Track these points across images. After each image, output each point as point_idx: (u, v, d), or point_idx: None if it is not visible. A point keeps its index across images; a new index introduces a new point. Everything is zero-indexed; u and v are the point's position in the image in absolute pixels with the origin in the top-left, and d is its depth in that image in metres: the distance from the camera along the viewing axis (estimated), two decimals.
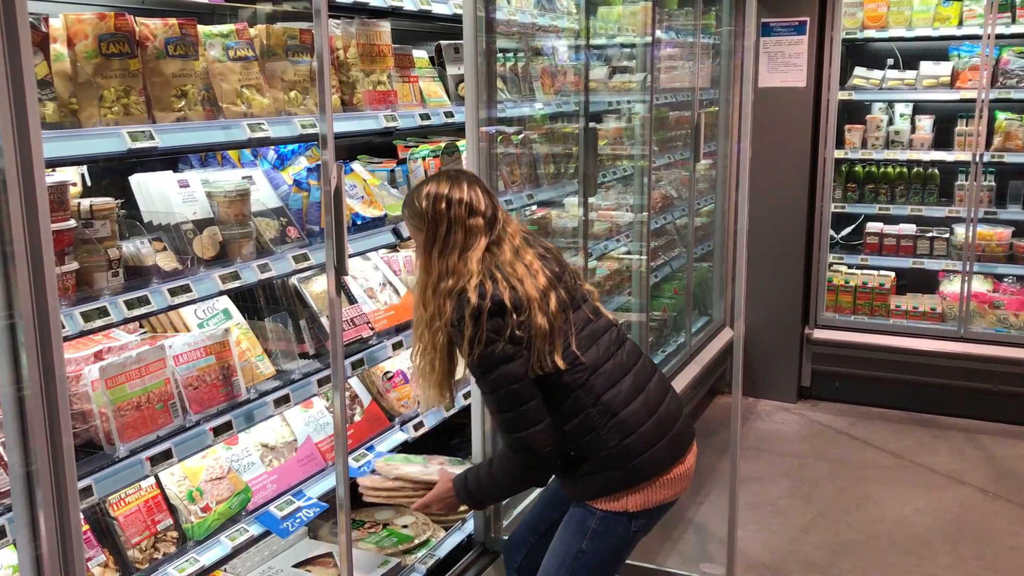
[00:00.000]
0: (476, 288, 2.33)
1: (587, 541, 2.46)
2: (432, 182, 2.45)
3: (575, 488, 2.50)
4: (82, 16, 2.19)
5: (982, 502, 4.68)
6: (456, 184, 2.43)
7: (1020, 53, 5.59)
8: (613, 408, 2.42)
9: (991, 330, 5.76)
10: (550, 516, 2.70)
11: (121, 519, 2.41)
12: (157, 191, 2.53)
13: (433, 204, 2.39)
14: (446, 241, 2.38)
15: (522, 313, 2.33)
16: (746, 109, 3.25)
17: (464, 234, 2.39)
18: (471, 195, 2.41)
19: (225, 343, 2.61)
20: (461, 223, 2.39)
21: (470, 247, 2.38)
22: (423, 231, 2.42)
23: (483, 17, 3.08)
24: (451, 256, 2.38)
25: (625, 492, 2.43)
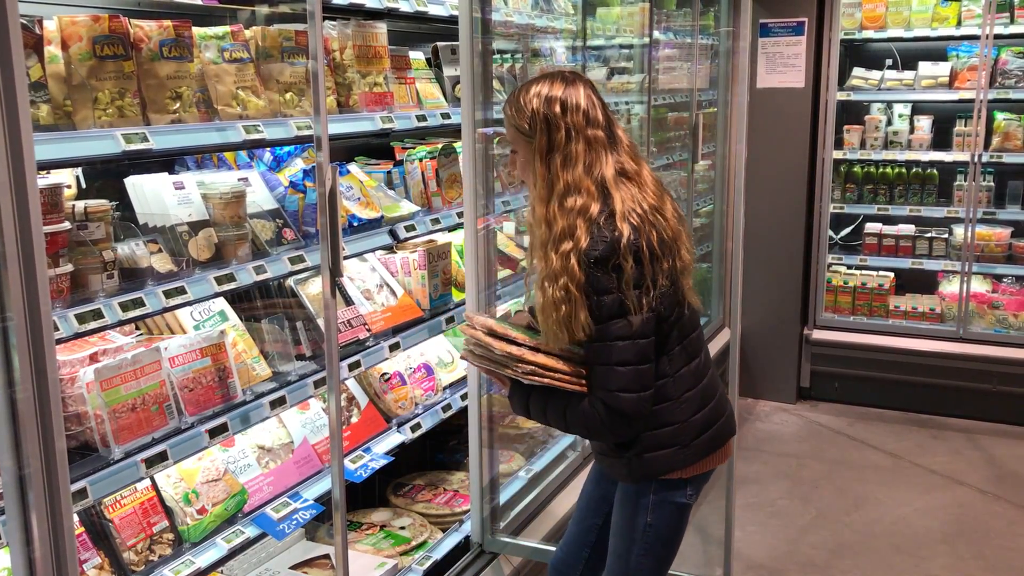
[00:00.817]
0: (624, 217, 2.12)
1: (650, 514, 2.35)
2: (543, 82, 2.21)
3: (629, 468, 2.33)
4: (76, 18, 2.19)
5: (981, 502, 4.68)
6: (571, 87, 2.20)
7: (1018, 53, 5.59)
8: (688, 382, 2.30)
9: (990, 330, 5.75)
10: (595, 523, 2.61)
11: (117, 521, 2.41)
12: (152, 193, 2.53)
13: (547, 105, 2.17)
14: (567, 151, 2.15)
15: (668, 255, 2.17)
16: (742, 110, 3.24)
17: (586, 146, 2.16)
18: (588, 103, 2.19)
19: (221, 345, 2.60)
20: (581, 132, 2.16)
21: (595, 163, 2.16)
22: (533, 136, 2.18)
23: (479, 18, 3.07)
24: (575, 168, 2.15)
25: (680, 467, 2.33)
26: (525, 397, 2.31)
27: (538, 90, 2.20)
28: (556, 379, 2.20)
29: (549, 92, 2.18)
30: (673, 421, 2.29)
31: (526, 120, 2.20)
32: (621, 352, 2.14)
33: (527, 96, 2.20)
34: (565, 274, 2.12)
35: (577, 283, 2.11)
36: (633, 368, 2.15)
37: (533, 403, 2.30)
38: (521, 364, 2.20)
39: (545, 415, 2.29)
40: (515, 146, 2.28)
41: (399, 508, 3.47)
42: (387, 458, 3.10)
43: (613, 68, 4.98)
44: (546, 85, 2.20)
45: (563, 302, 2.13)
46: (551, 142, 2.17)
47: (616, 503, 2.46)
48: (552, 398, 2.26)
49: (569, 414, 2.23)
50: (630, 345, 2.14)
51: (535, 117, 2.18)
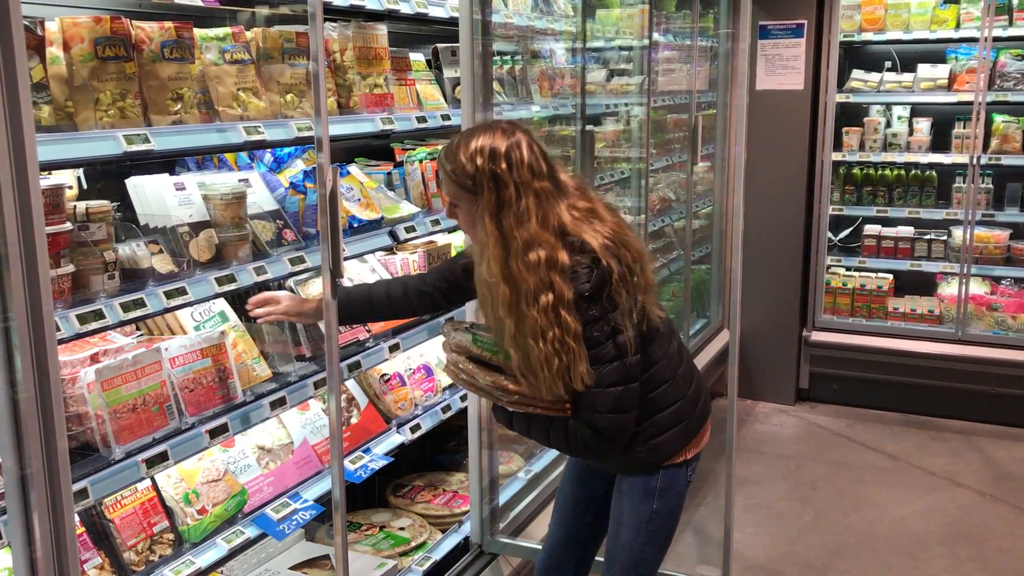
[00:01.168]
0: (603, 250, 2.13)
1: (657, 501, 2.41)
2: (484, 135, 2.16)
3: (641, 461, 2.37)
4: (78, 19, 2.20)
5: (979, 504, 4.68)
6: (513, 140, 2.15)
7: (1017, 56, 5.60)
8: (676, 360, 2.38)
9: (989, 332, 5.76)
10: (585, 522, 2.64)
11: (117, 521, 2.41)
12: (153, 194, 2.54)
13: (492, 162, 2.11)
14: (519, 207, 2.11)
15: (635, 274, 2.19)
16: (742, 112, 3.25)
17: (536, 199, 2.12)
18: (531, 155, 2.14)
19: (221, 345, 2.61)
20: (529, 187, 2.12)
21: (548, 214, 2.13)
22: (479, 193, 2.14)
23: (479, 20, 3.08)
24: (530, 223, 2.11)
25: (684, 445, 2.40)
26: (509, 416, 2.38)
27: (480, 145, 2.14)
28: (540, 408, 2.26)
29: (492, 147, 2.13)
30: (676, 399, 2.35)
31: (470, 177, 2.14)
32: (611, 374, 2.18)
33: (468, 152, 2.14)
34: (556, 327, 2.10)
35: (575, 335, 2.11)
36: (622, 389, 2.20)
37: (517, 420, 2.36)
38: (506, 394, 2.25)
39: (528, 432, 2.36)
40: (456, 201, 2.24)
41: (399, 509, 3.47)
42: (387, 459, 3.11)
43: (612, 70, 4.99)
44: (487, 139, 2.15)
45: (557, 355, 2.12)
46: (500, 200, 2.12)
47: (620, 495, 2.48)
48: (535, 419, 2.31)
49: (553, 434, 2.29)
50: (619, 366, 2.18)
51: (480, 174, 2.13)
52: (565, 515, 2.69)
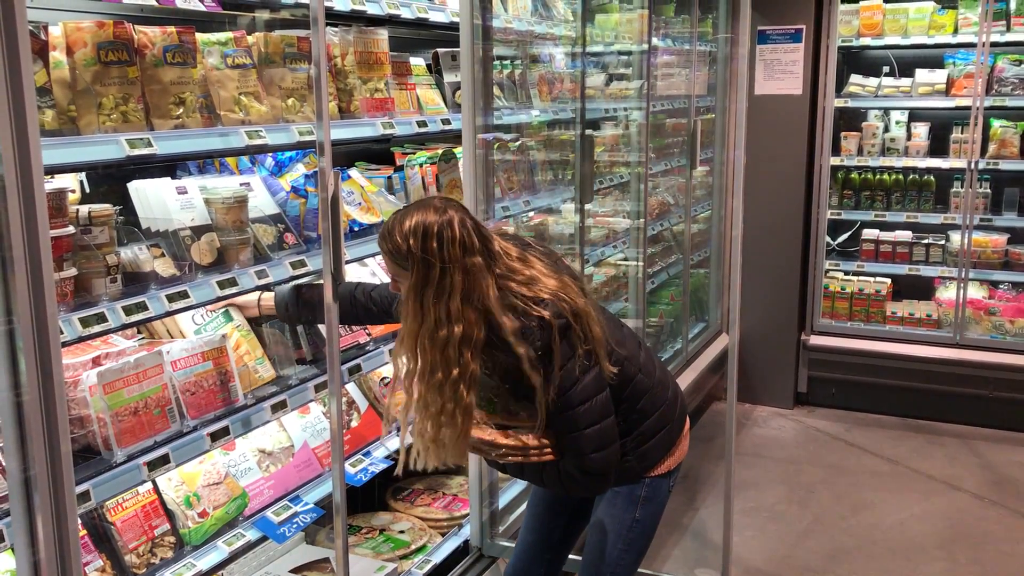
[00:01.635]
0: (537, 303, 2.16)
1: (639, 509, 2.46)
2: (416, 214, 2.15)
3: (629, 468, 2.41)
4: (81, 24, 2.21)
5: (977, 508, 4.69)
6: (444, 217, 2.13)
7: (1015, 61, 5.62)
8: (650, 368, 2.45)
9: (987, 337, 5.78)
10: (558, 524, 2.66)
11: (119, 524, 2.42)
12: (155, 197, 2.55)
13: (423, 241, 2.11)
14: (442, 285, 2.11)
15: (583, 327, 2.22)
16: (742, 117, 3.26)
17: (463, 276, 2.12)
18: (463, 232, 2.13)
19: (223, 349, 2.62)
20: (458, 263, 2.12)
21: (473, 290, 2.13)
22: (409, 271, 2.14)
23: (480, 25, 3.10)
24: (452, 301, 2.11)
25: (668, 452, 2.47)
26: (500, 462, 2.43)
27: (412, 225, 2.12)
28: (529, 456, 2.28)
29: (424, 227, 2.11)
30: (658, 406, 2.43)
31: (403, 256, 2.15)
32: (585, 416, 2.22)
33: (402, 231, 2.14)
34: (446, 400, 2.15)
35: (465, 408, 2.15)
36: (599, 427, 2.24)
37: (510, 467, 2.42)
38: (496, 448, 2.28)
39: (522, 476, 2.47)
40: (396, 277, 2.25)
41: (398, 512, 3.48)
42: (387, 462, 3.11)
43: (612, 74, 5.01)
44: (420, 216, 2.13)
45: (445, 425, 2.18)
46: (426, 278, 2.12)
47: (601, 500, 2.53)
48: (527, 465, 2.35)
49: (547, 479, 2.36)
50: (591, 406, 2.22)
51: (411, 255, 2.12)
52: (538, 517, 2.70)
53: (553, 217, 4.44)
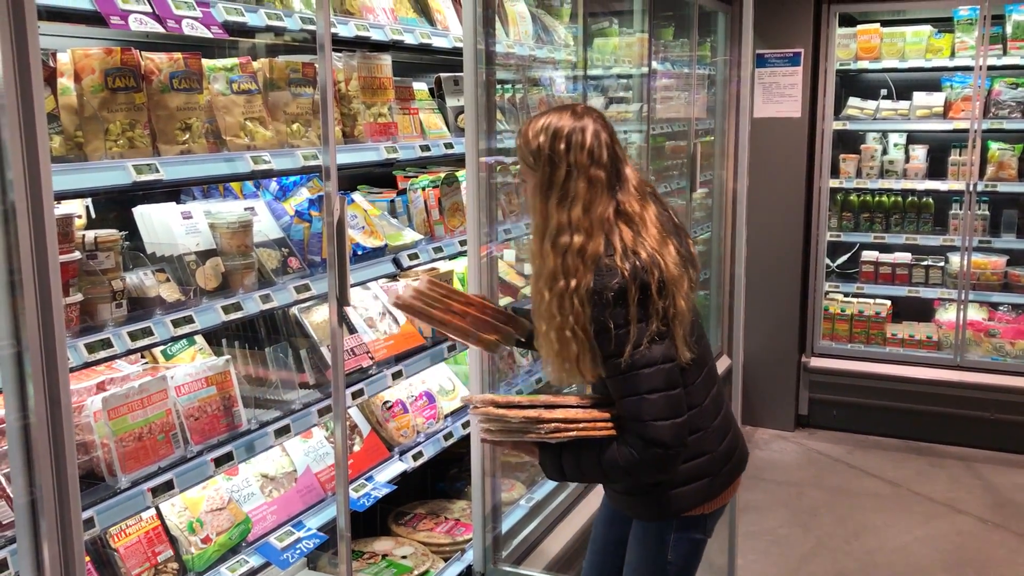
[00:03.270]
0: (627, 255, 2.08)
1: (671, 552, 2.31)
2: (552, 115, 2.16)
3: (659, 506, 2.28)
4: (89, 51, 2.22)
5: (980, 531, 4.68)
6: (579, 123, 2.14)
7: (1011, 84, 5.66)
8: (712, 411, 2.28)
9: (987, 358, 5.78)
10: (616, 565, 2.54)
11: (122, 550, 2.41)
12: (160, 222, 2.55)
13: (552, 141, 2.12)
14: (565, 189, 2.11)
15: (666, 298, 2.10)
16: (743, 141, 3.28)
17: (587, 185, 2.11)
18: (594, 141, 2.12)
19: (227, 373, 2.61)
20: (583, 172, 2.11)
21: (594, 203, 2.10)
22: (536, 170, 2.15)
23: (483, 50, 3.12)
24: (574, 208, 2.10)
25: (703, 502, 2.30)
26: (557, 458, 2.23)
27: (545, 124, 2.15)
28: (581, 429, 2.13)
29: (556, 127, 2.13)
30: (705, 451, 2.26)
31: (531, 153, 2.16)
32: (648, 380, 2.07)
33: (534, 128, 2.16)
34: (561, 314, 2.09)
35: (582, 324, 2.08)
36: (663, 394, 2.08)
37: (566, 461, 2.21)
38: (542, 424, 2.12)
39: (580, 470, 2.21)
40: (523, 175, 2.26)
41: (401, 537, 3.46)
42: (389, 487, 3.10)
43: (611, 97, 5.03)
44: (554, 119, 2.16)
45: (565, 343, 2.10)
46: (551, 179, 2.13)
47: (633, 540, 2.40)
48: (584, 450, 2.17)
49: (604, 461, 2.14)
50: (656, 372, 2.07)
51: (539, 152, 2.14)
52: (595, 557, 2.61)
53: None
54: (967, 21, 5.63)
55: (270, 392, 2.82)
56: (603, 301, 2.07)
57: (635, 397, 2.08)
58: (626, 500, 2.38)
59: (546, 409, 2.14)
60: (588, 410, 2.17)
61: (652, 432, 2.07)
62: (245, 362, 2.87)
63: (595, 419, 2.14)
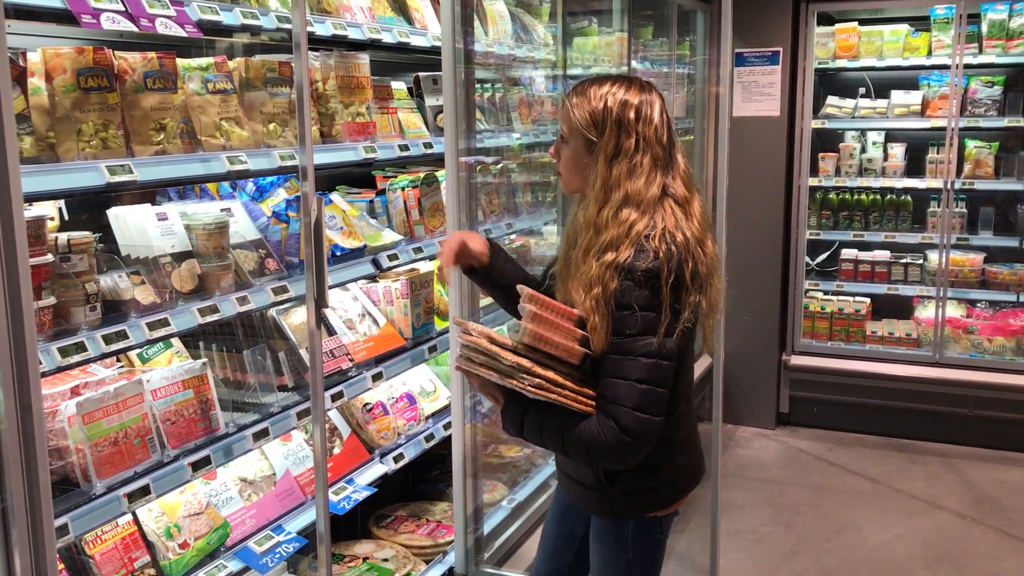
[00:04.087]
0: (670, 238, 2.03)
1: (631, 551, 2.28)
2: (620, 83, 2.11)
3: (612, 506, 2.26)
4: (60, 50, 2.18)
5: (960, 527, 4.70)
6: (648, 97, 2.11)
7: (987, 83, 5.70)
8: (682, 424, 2.24)
9: (965, 355, 5.81)
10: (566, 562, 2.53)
11: (97, 557, 2.37)
12: (135, 224, 2.52)
13: (623, 108, 2.07)
14: (633, 161, 2.07)
15: (700, 291, 2.07)
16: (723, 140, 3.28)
17: (651, 161, 2.08)
18: (660, 119, 2.11)
19: (203, 377, 2.58)
20: (650, 146, 2.08)
21: (652, 180, 2.08)
22: (598, 134, 2.09)
23: (461, 49, 3.10)
24: (637, 180, 2.06)
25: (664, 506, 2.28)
26: (522, 412, 2.15)
27: (614, 90, 2.10)
28: (562, 395, 2.06)
29: (626, 96, 2.10)
30: (665, 462, 2.23)
31: (594, 115, 2.10)
32: (644, 369, 2.02)
33: (601, 91, 2.10)
34: (599, 284, 2.04)
35: (608, 296, 2.03)
36: (651, 388, 2.03)
37: (529, 418, 2.14)
38: (529, 376, 2.05)
39: (541, 432, 2.14)
40: (569, 138, 2.17)
41: (382, 540, 3.44)
42: (370, 489, 3.08)
43: None
44: (622, 87, 2.11)
45: (592, 312, 2.05)
46: (619, 147, 2.08)
47: (593, 541, 2.38)
48: (552, 415, 2.10)
49: (568, 433, 2.08)
50: (653, 364, 2.02)
51: (607, 116, 2.09)
52: (547, 553, 2.59)
53: (535, 239, 4.44)
54: (944, 20, 5.67)
55: (248, 395, 2.79)
56: (633, 279, 2.01)
57: (624, 381, 2.03)
58: (581, 493, 2.32)
59: (539, 365, 2.07)
60: (575, 382, 2.10)
61: (628, 420, 2.02)
62: (223, 365, 2.84)
63: (579, 392, 2.08)
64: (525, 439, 2.21)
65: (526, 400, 2.13)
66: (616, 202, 2.07)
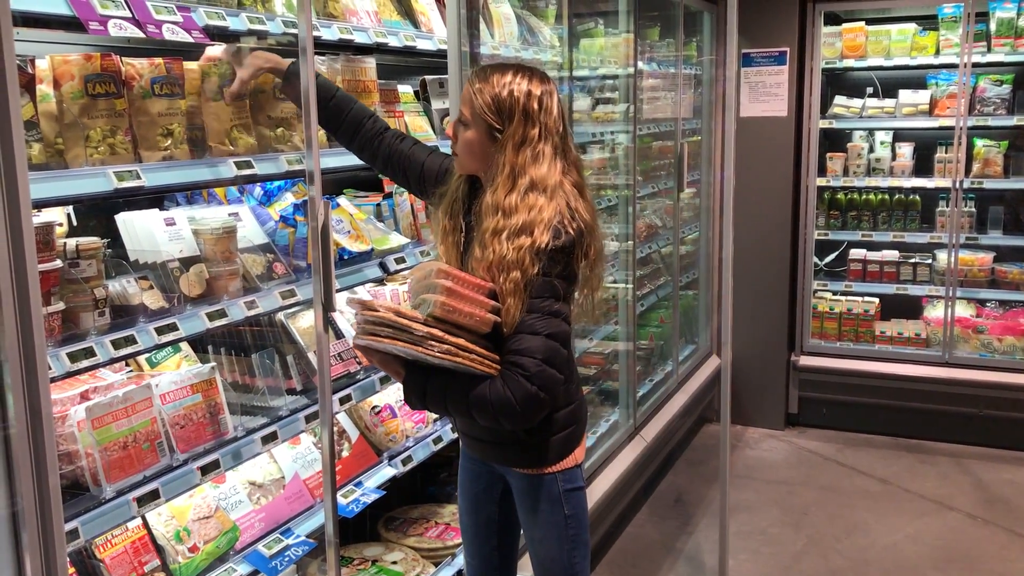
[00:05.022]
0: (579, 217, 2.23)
1: (566, 505, 2.41)
2: (521, 73, 2.24)
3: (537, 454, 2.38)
4: (68, 57, 2.20)
5: (971, 527, 4.69)
6: (548, 87, 2.25)
7: (996, 81, 5.68)
8: (573, 365, 2.42)
9: (975, 355, 5.80)
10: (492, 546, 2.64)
11: (107, 561, 2.38)
12: (143, 229, 2.53)
13: (527, 98, 2.21)
14: (536, 149, 2.21)
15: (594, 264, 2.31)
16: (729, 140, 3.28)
17: (553, 149, 2.24)
18: (558, 109, 2.26)
19: (212, 381, 2.59)
20: (550, 135, 2.23)
21: (553, 167, 2.23)
22: (503, 122, 2.22)
23: (467, 52, 3.10)
24: (540, 168, 2.21)
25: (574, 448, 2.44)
26: (423, 382, 2.25)
27: (518, 80, 2.23)
28: (469, 360, 2.16)
29: (530, 87, 2.22)
30: (571, 400, 2.41)
31: (498, 103, 2.22)
32: (554, 326, 2.18)
33: (504, 79, 2.22)
34: (518, 267, 2.16)
35: (527, 279, 2.17)
36: (557, 346, 2.19)
37: (432, 386, 2.24)
38: (438, 344, 2.13)
39: (444, 398, 2.23)
40: (468, 122, 2.28)
41: (391, 542, 3.44)
42: (378, 492, 3.08)
43: (598, 98, 5.03)
44: (525, 78, 2.24)
45: (510, 294, 2.17)
46: (525, 135, 2.21)
47: (525, 508, 2.46)
48: (455, 380, 2.21)
49: (473, 394, 2.18)
50: (561, 323, 2.20)
51: (513, 105, 2.21)
52: (473, 547, 2.67)
53: None
54: (951, 19, 5.65)
55: (257, 399, 2.80)
56: (552, 257, 2.18)
57: (534, 336, 2.17)
58: (501, 452, 2.44)
59: (449, 334, 2.14)
60: (481, 349, 2.19)
61: (537, 370, 2.15)
62: (231, 369, 2.85)
63: (484, 356, 2.18)
64: (428, 408, 2.32)
65: (426, 370, 2.25)
66: (523, 187, 2.21)
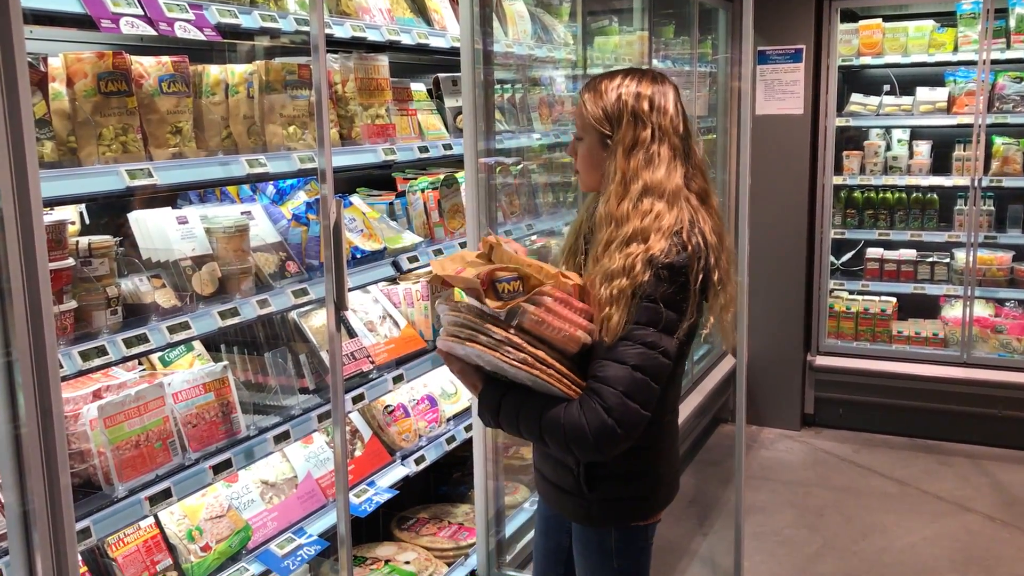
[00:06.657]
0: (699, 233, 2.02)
1: (616, 560, 2.21)
2: (632, 76, 2.10)
3: (588, 511, 2.19)
4: (81, 55, 2.19)
5: (989, 529, 4.63)
6: (661, 87, 2.09)
7: (1015, 78, 5.62)
8: (668, 433, 2.20)
9: (994, 355, 5.73)
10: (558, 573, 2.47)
11: (120, 560, 2.38)
12: (156, 228, 2.53)
13: (636, 99, 2.05)
14: (650, 152, 2.05)
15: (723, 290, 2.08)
16: (745, 138, 3.25)
17: (670, 151, 2.06)
18: (675, 109, 2.08)
19: (224, 380, 2.59)
20: (666, 137, 2.06)
21: (672, 172, 2.05)
22: (613, 127, 2.07)
23: (480, 50, 3.09)
24: (656, 171, 2.04)
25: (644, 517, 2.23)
26: (499, 397, 2.08)
27: (626, 82, 2.08)
28: (547, 374, 1.97)
29: (638, 88, 2.07)
30: (646, 472, 2.18)
31: (611, 109, 2.07)
32: (646, 359, 1.95)
33: (612, 84, 2.09)
34: (625, 275, 1.98)
35: (635, 287, 1.97)
36: (645, 379, 1.96)
37: (507, 401, 2.06)
38: (515, 351, 1.96)
39: (518, 416, 2.05)
40: (582, 134, 2.15)
41: (404, 542, 3.43)
42: (391, 492, 3.08)
43: None
44: (634, 80, 2.09)
45: (608, 303, 1.99)
46: (635, 138, 2.06)
47: (578, 552, 2.31)
48: (530, 399, 2.04)
49: (547, 414, 2.00)
50: (654, 357, 1.97)
51: (623, 109, 2.06)
52: (539, 566, 2.54)
53: (556, 240, 4.42)
54: (970, 15, 5.60)
55: (269, 398, 2.79)
56: (660, 276, 1.98)
57: (620, 365, 1.96)
58: (559, 497, 2.26)
59: (529, 344, 1.99)
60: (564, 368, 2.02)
61: (616, 402, 1.94)
62: (244, 368, 2.85)
63: (565, 376, 1.99)
64: (500, 426, 2.12)
65: (505, 385, 2.07)
66: (636, 193, 2.03)
